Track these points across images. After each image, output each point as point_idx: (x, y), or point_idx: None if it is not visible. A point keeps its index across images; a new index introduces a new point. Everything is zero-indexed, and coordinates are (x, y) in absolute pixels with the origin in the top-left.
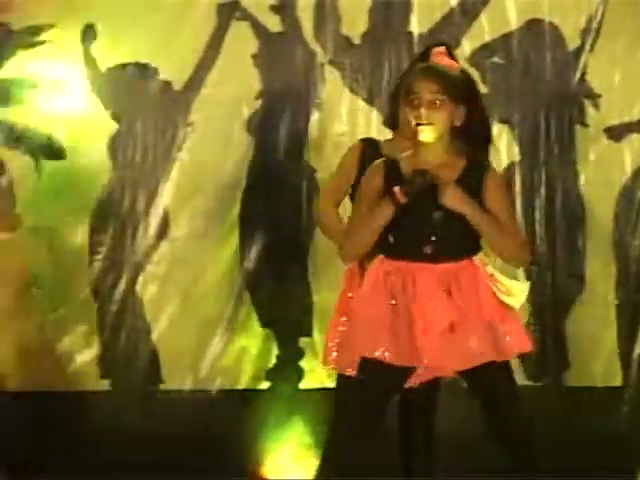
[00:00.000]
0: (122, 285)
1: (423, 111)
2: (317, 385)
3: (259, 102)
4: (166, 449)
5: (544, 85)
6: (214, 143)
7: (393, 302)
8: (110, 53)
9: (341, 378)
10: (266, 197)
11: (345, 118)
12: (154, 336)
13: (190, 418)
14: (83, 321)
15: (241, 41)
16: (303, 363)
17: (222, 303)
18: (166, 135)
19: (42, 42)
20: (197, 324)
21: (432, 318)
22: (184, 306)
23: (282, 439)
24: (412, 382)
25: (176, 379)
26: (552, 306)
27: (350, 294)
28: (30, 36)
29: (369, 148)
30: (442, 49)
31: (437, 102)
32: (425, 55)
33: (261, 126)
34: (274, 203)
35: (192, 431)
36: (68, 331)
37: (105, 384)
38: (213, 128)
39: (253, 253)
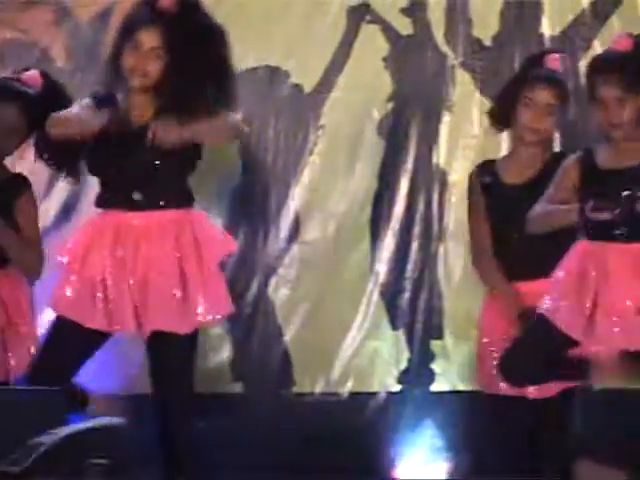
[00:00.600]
0: (254, 288)
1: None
2: (448, 388)
3: (390, 105)
4: (298, 451)
5: None
6: (345, 146)
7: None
8: (240, 57)
9: None
10: (397, 200)
11: (476, 120)
12: (286, 339)
13: (322, 421)
14: None
15: (371, 44)
16: (434, 366)
17: (353, 306)
18: (297, 138)
19: None
20: (328, 327)
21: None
22: (316, 309)
23: (414, 442)
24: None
25: (308, 382)
26: None
27: None
28: None
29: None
30: (557, 56)
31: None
32: (539, 59)
33: (392, 129)
34: (406, 205)
35: (324, 433)
36: (201, 333)
37: (238, 387)
38: (344, 131)
39: (384, 256)
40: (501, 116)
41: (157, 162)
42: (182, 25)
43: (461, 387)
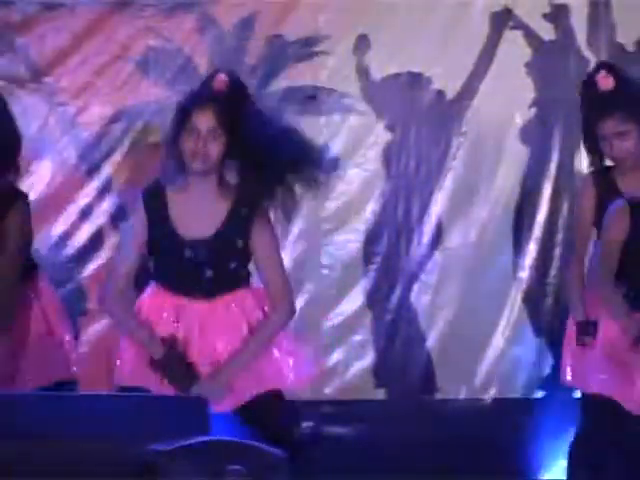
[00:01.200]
0: (396, 295)
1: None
2: None
3: (532, 111)
4: (441, 455)
5: None
6: (487, 153)
7: None
8: (383, 63)
9: None
10: (540, 206)
11: None
12: (428, 345)
13: (465, 426)
14: (358, 330)
15: (514, 50)
16: None
17: (496, 312)
18: (439, 145)
19: (317, 53)
20: (471, 333)
21: None
22: (458, 316)
23: (557, 447)
24: None
25: (451, 388)
26: None
27: None
28: (305, 47)
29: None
30: (604, 73)
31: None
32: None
33: (534, 135)
34: (549, 211)
35: (467, 439)
36: (343, 340)
37: (381, 393)
38: (486, 138)
39: (527, 262)
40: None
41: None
42: (235, 105)
43: None
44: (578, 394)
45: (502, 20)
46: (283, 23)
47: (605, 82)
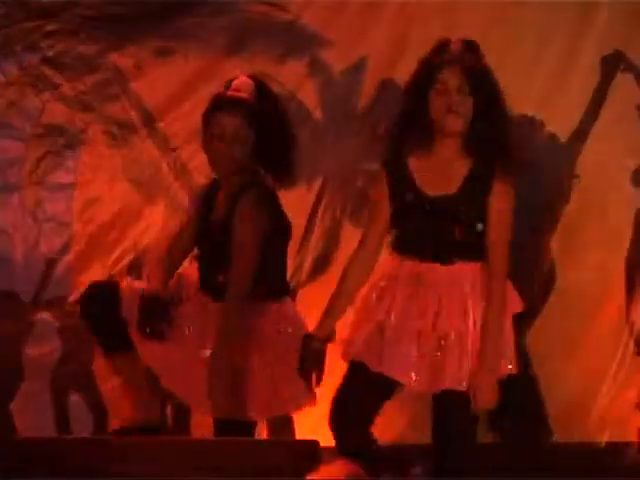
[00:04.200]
0: None
1: None
2: None
3: None
4: None
5: None
6: (599, 195)
7: None
8: None
9: None
10: None
11: None
12: (542, 387)
13: (580, 469)
14: None
15: (626, 92)
16: None
17: (609, 355)
18: (552, 187)
19: None
20: (584, 376)
21: None
22: (571, 358)
23: None
24: None
25: (565, 430)
26: None
27: None
28: None
29: None
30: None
31: None
32: None
33: None
34: None
35: None
36: None
37: (495, 436)
38: (598, 180)
39: (639, 306)
40: None
41: None
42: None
43: None
44: None
45: (614, 63)
46: (394, 66)
47: None
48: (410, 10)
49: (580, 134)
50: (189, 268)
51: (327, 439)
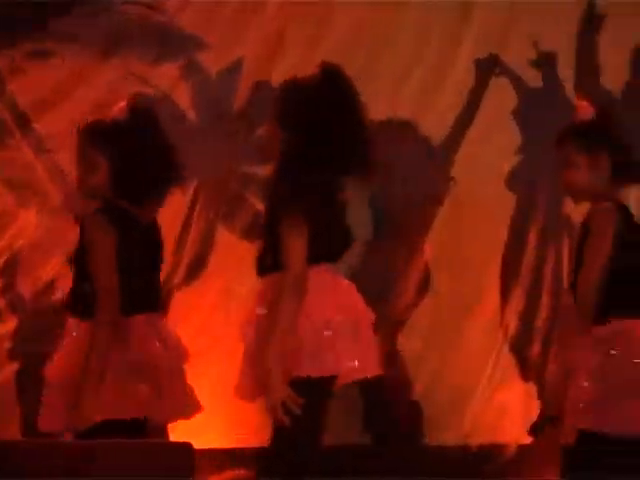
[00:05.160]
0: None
1: None
2: None
3: (519, 158)
4: None
5: None
6: (474, 199)
7: None
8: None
9: None
10: (527, 252)
11: None
12: (416, 391)
13: (452, 473)
14: None
15: (500, 97)
16: None
17: (483, 358)
18: (427, 191)
19: None
20: (458, 379)
21: None
22: (446, 361)
23: None
24: None
25: (438, 434)
26: None
27: None
28: None
29: None
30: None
31: None
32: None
33: (521, 182)
34: (535, 258)
35: None
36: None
37: (368, 438)
38: (473, 184)
39: (514, 308)
40: None
41: None
42: None
43: None
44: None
45: (488, 67)
46: (270, 68)
47: None
48: (286, 11)
49: (455, 137)
50: None
51: (201, 442)
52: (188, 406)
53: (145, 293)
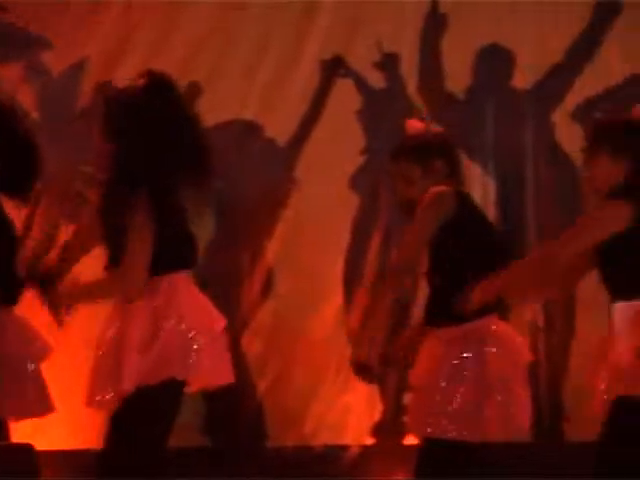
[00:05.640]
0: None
1: None
2: None
3: (362, 159)
4: None
5: None
6: (318, 200)
7: None
8: (215, 111)
9: None
10: (370, 254)
11: None
12: (259, 392)
13: (295, 474)
14: None
15: (345, 98)
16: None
17: (327, 360)
18: (270, 192)
19: None
20: (302, 381)
21: None
22: (289, 362)
23: None
24: None
25: (281, 435)
26: None
27: None
28: None
29: None
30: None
31: None
32: None
33: (365, 183)
34: (378, 260)
35: None
36: None
37: (209, 440)
38: (317, 185)
39: (357, 310)
40: None
41: None
42: None
43: None
44: (407, 441)
45: (333, 68)
46: (115, 68)
47: None
48: (132, 12)
49: (299, 138)
50: None
51: (43, 444)
52: (41, 405)
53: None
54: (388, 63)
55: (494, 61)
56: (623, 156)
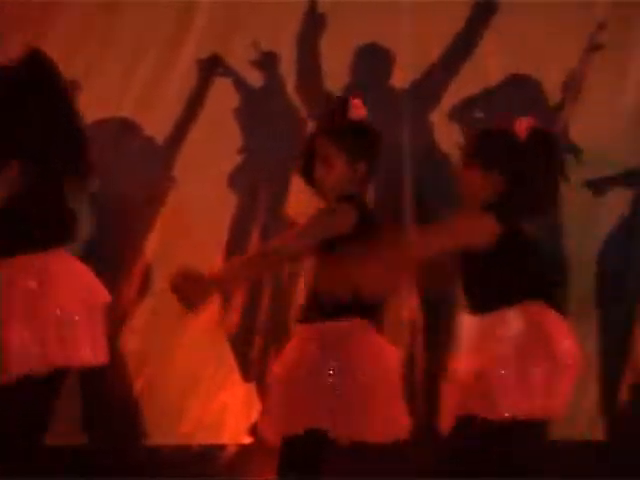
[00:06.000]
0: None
1: None
2: None
3: (241, 157)
4: None
5: None
6: (196, 198)
7: None
8: (93, 109)
9: None
10: (248, 252)
11: None
12: (136, 390)
13: (173, 473)
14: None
15: (223, 96)
16: None
17: (204, 358)
18: (149, 190)
19: None
20: (179, 379)
21: None
22: (166, 360)
23: None
24: None
25: (158, 434)
26: None
27: None
28: None
29: None
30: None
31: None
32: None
33: (243, 181)
34: None
35: None
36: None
37: (86, 437)
38: (195, 183)
39: (235, 307)
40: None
41: None
42: None
43: None
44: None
45: (210, 66)
46: None
47: None
48: (4, 11)
49: (177, 137)
50: None
51: None
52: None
53: None
54: (266, 62)
55: (372, 60)
56: (497, 171)
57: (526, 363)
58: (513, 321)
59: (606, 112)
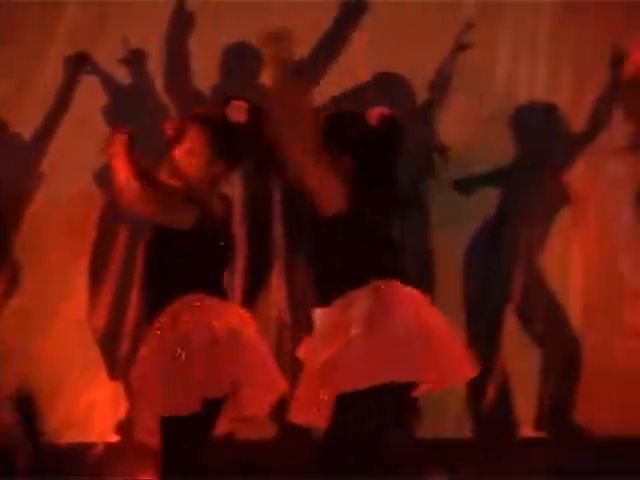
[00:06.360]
0: None
1: None
2: None
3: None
4: None
5: None
6: (64, 196)
7: None
8: None
9: None
10: (114, 250)
11: None
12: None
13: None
14: None
15: (91, 94)
16: None
17: (70, 356)
18: (17, 186)
19: None
20: (46, 378)
21: None
22: (32, 359)
23: None
24: None
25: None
26: None
27: None
28: None
29: None
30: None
31: None
32: None
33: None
34: (126, 257)
35: None
36: None
37: None
38: (64, 180)
39: (100, 305)
40: None
41: None
42: None
43: None
44: None
45: (77, 64)
46: None
47: None
48: None
49: (45, 134)
50: None
51: None
52: None
53: None
54: (135, 60)
55: (241, 59)
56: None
57: (367, 337)
58: (357, 301)
59: (474, 111)
